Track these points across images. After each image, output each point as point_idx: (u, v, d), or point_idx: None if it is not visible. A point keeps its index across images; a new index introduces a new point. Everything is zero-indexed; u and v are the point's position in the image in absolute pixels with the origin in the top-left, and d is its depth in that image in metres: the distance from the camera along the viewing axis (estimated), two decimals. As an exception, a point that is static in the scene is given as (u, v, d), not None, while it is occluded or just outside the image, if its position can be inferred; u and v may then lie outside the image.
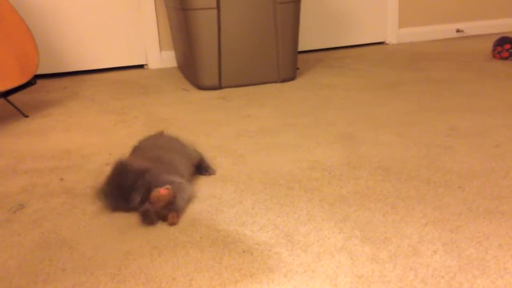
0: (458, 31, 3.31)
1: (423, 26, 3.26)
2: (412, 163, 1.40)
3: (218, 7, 2.21)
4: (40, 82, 2.52)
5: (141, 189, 1.14)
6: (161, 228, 1.12)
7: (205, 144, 1.62)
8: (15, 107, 2.00)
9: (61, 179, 1.40)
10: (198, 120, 1.87)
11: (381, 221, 1.11)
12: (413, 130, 1.66)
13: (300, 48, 3.01)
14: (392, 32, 3.17)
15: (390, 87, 2.20)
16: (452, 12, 3.29)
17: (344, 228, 1.08)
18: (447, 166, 1.37)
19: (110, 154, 1.56)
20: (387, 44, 3.18)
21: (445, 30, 3.30)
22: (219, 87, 2.30)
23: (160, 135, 1.42)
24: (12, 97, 2.00)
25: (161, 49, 2.80)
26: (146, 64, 2.80)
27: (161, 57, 2.80)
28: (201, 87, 2.31)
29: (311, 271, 0.94)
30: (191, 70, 2.36)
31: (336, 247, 1.01)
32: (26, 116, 1.99)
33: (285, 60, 2.35)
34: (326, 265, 0.96)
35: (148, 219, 1.12)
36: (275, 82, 2.37)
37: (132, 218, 1.17)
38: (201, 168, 1.39)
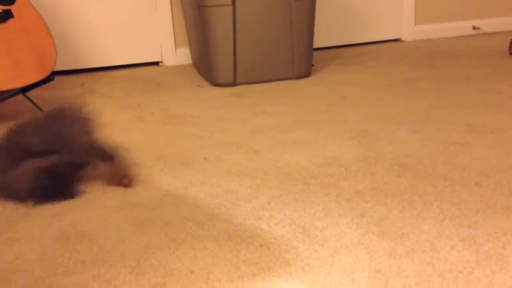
0: (474, 28, 3.28)
1: (439, 23, 3.24)
2: (429, 159, 1.40)
3: (233, 4, 2.21)
4: (57, 79, 2.55)
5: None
6: (179, 222, 1.13)
7: (221, 141, 1.62)
8: (33, 103, 2.03)
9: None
10: (213, 117, 1.88)
11: (398, 216, 1.11)
12: (429, 126, 1.65)
13: (316, 45, 3.01)
14: (408, 29, 3.15)
15: (406, 84, 2.19)
16: (468, 9, 3.26)
17: (361, 224, 1.09)
18: (464, 163, 1.37)
19: (127, 150, 1.58)
20: (402, 41, 3.16)
21: (461, 27, 3.27)
22: (234, 83, 2.31)
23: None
24: (30, 93, 2.03)
25: (176, 46, 2.81)
26: (161, 61, 2.82)
27: (176, 54, 2.81)
28: (216, 84, 2.32)
29: (329, 265, 0.95)
30: (206, 67, 2.37)
31: (353, 242, 1.02)
32: (44, 112, 2.02)
33: (300, 56, 2.35)
34: (343, 260, 0.96)
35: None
36: (290, 79, 2.37)
37: (150, 212, 1.18)
38: None
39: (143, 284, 0.92)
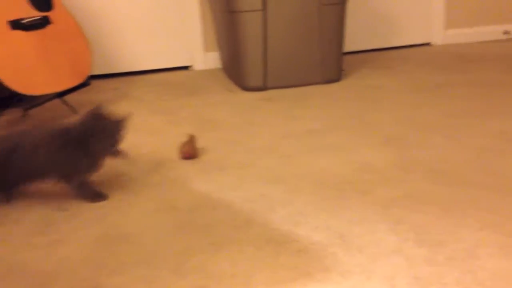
0: (505, 32, 3.24)
1: (469, 27, 3.21)
2: (464, 166, 1.40)
3: (264, 10, 2.24)
4: (91, 83, 2.60)
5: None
6: (216, 226, 1.15)
7: (253, 145, 1.64)
8: (70, 107, 2.08)
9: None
10: (244, 121, 1.90)
11: (435, 224, 1.11)
12: (462, 132, 1.65)
13: (345, 49, 3.01)
14: (437, 33, 3.13)
15: (437, 89, 2.18)
16: (498, 13, 3.22)
17: (398, 231, 1.09)
18: (499, 170, 1.36)
19: (162, 154, 1.61)
20: (432, 45, 3.14)
21: (491, 31, 3.23)
22: (264, 88, 2.33)
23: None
24: (66, 97, 2.08)
25: (206, 50, 2.84)
26: (191, 66, 2.86)
27: (205, 59, 2.85)
28: (246, 88, 2.34)
29: (368, 271, 0.96)
30: (236, 71, 2.40)
31: (391, 249, 1.02)
32: (80, 116, 2.07)
33: (330, 61, 2.36)
34: (382, 266, 0.97)
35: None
36: (320, 83, 2.38)
37: (187, 215, 1.21)
38: None
39: (185, 286, 0.95)
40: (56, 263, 1.04)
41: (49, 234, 1.16)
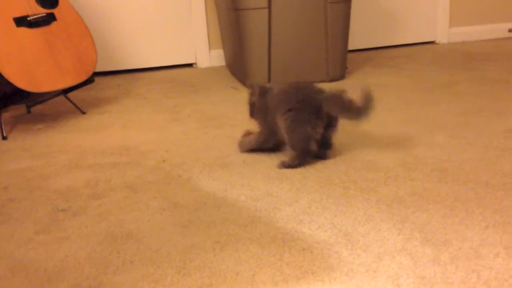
0: (510, 30, 3.22)
1: (474, 25, 3.19)
2: (469, 165, 1.39)
3: (269, 7, 2.23)
4: (95, 80, 2.60)
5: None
6: (221, 224, 1.15)
7: (259, 143, 1.64)
8: (74, 104, 2.08)
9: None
10: (249, 119, 1.89)
11: (440, 223, 1.11)
12: (468, 131, 1.64)
13: (349, 47, 3.00)
14: (442, 32, 3.12)
15: (442, 87, 2.17)
16: (504, 11, 3.21)
17: (403, 229, 1.09)
18: (505, 169, 1.35)
19: (166, 151, 1.61)
20: (437, 43, 3.13)
21: (496, 29, 3.22)
22: (268, 86, 2.33)
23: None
24: (70, 94, 2.08)
25: (210, 48, 2.84)
26: (195, 63, 2.86)
27: (210, 56, 2.85)
28: (250, 86, 2.34)
29: (373, 271, 0.95)
30: (240, 69, 2.39)
31: (396, 248, 1.02)
32: (84, 113, 2.07)
33: (334, 59, 2.35)
34: (387, 266, 0.96)
35: None
36: (324, 81, 2.37)
37: (192, 214, 1.21)
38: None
39: (190, 284, 0.95)
40: (61, 260, 1.05)
41: (53, 232, 1.16)
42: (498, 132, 1.62)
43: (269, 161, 1.49)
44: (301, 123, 1.41)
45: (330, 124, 1.45)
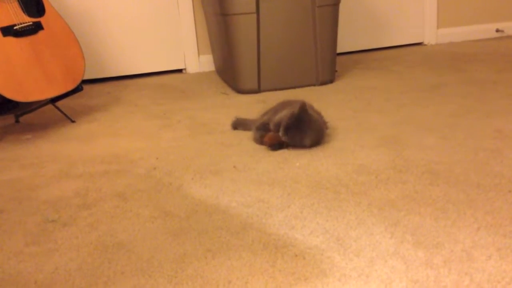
0: (497, 31, 3.25)
1: (462, 26, 3.22)
2: (460, 166, 1.39)
3: (257, 12, 2.23)
4: (83, 88, 2.59)
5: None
6: (213, 232, 1.14)
7: (249, 148, 1.64)
8: (63, 112, 2.07)
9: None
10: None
11: (432, 225, 1.11)
12: (458, 132, 1.65)
13: (337, 50, 3.00)
14: (430, 33, 3.13)
15: (432, 89, 2.18)
16: (491, 11, 3.23)
17: (395, 233, 1.09)
18: (495, 170, 1.36)
19: (157, 158, 1.60)
20: (425, 44, 3.15)
21: (484, 30, 3.24)
22: (258, 90, 2.33)
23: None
24: (59, 103, 2.06)
25: (199, 53, 2.84)
26: (184, 69, 2.85)
27: (199, 62, 2.84)
28: (240, 91, 2.33)
29: (365, 275, 0.95)
30: (230, 74, 2.39)
31: (389, 251, 1.02)
32: (73, 121, 2.05)
33: (324, 63, 2.36)
34: (380, 270, 0.96)
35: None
36: (314, 85, 2.38)
37: (183, 222, 1.20)
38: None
39: (182, 294, 0.94)
40: (51, 272, 1.03)
41: (43, 243, 1.15)
42: (487, 133, 1.62)
43: (259, 167, 1.48)
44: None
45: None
